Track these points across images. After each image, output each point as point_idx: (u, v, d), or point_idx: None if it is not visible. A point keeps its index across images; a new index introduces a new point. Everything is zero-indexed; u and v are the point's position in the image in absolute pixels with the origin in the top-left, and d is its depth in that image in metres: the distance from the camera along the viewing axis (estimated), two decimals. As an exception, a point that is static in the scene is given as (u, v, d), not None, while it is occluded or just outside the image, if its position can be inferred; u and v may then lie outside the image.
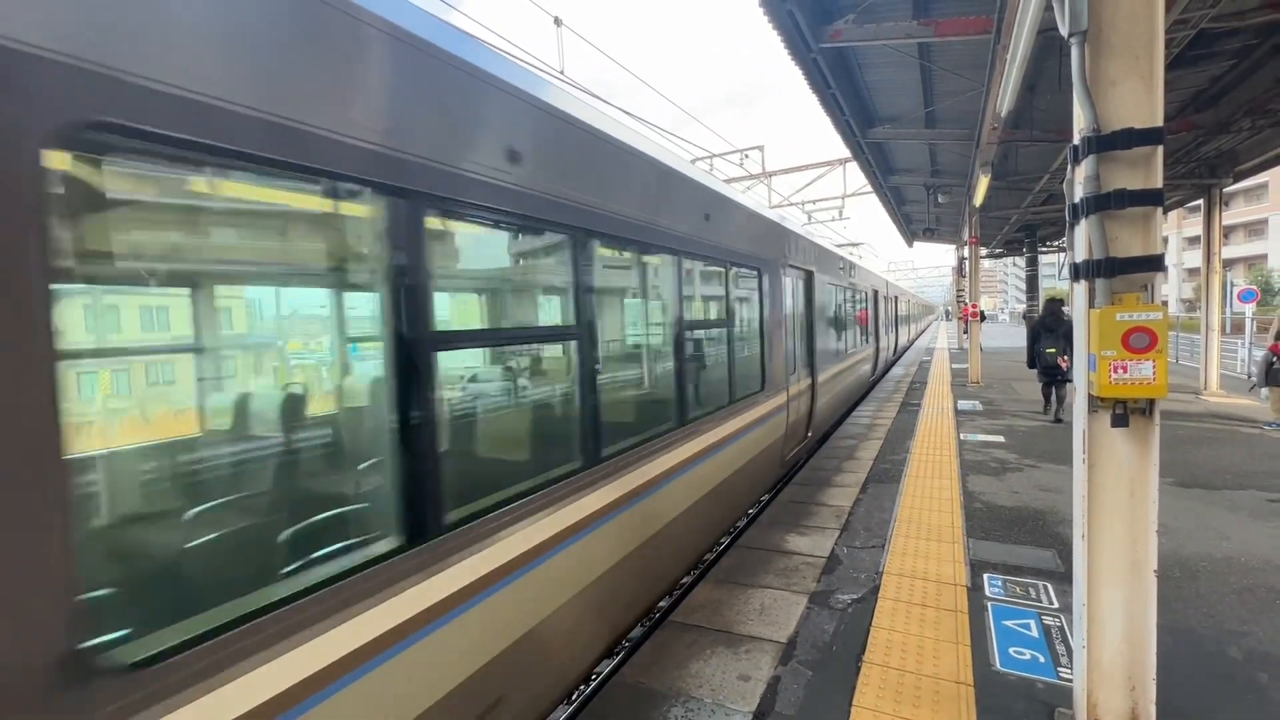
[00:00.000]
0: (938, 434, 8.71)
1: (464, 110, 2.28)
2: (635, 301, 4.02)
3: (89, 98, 1.26)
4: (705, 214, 4.51)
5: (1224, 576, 4.02)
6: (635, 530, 3.37)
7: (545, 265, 3.09)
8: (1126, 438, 2.37)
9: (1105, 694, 2.44)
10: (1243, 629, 3.39)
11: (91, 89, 1.26)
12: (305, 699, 1.64)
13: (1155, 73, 2.28)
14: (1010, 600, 3.76)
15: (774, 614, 3.70)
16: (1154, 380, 2.23)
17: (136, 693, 1.30)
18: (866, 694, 2.90)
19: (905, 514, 5.34)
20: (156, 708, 1.33)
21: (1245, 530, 4.81)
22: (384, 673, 1.88)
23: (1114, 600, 2.42)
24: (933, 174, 14.37)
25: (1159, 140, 2.27)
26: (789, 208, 19.74)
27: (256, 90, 1.57)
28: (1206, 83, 8.20)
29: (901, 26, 6.77)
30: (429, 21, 2.21)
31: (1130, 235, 2.33)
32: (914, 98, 9.52)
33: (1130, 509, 2.38)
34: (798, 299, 7.35)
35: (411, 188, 2.01)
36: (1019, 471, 6.66)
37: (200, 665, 1.42)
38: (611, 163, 3.26)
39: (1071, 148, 2.44)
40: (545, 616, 2.66)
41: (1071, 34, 2.34)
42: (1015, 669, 3.06)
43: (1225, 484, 6.02)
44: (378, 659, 1.85)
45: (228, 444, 2.30)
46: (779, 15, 6.48)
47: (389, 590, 1.91)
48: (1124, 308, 2.28)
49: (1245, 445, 7.60)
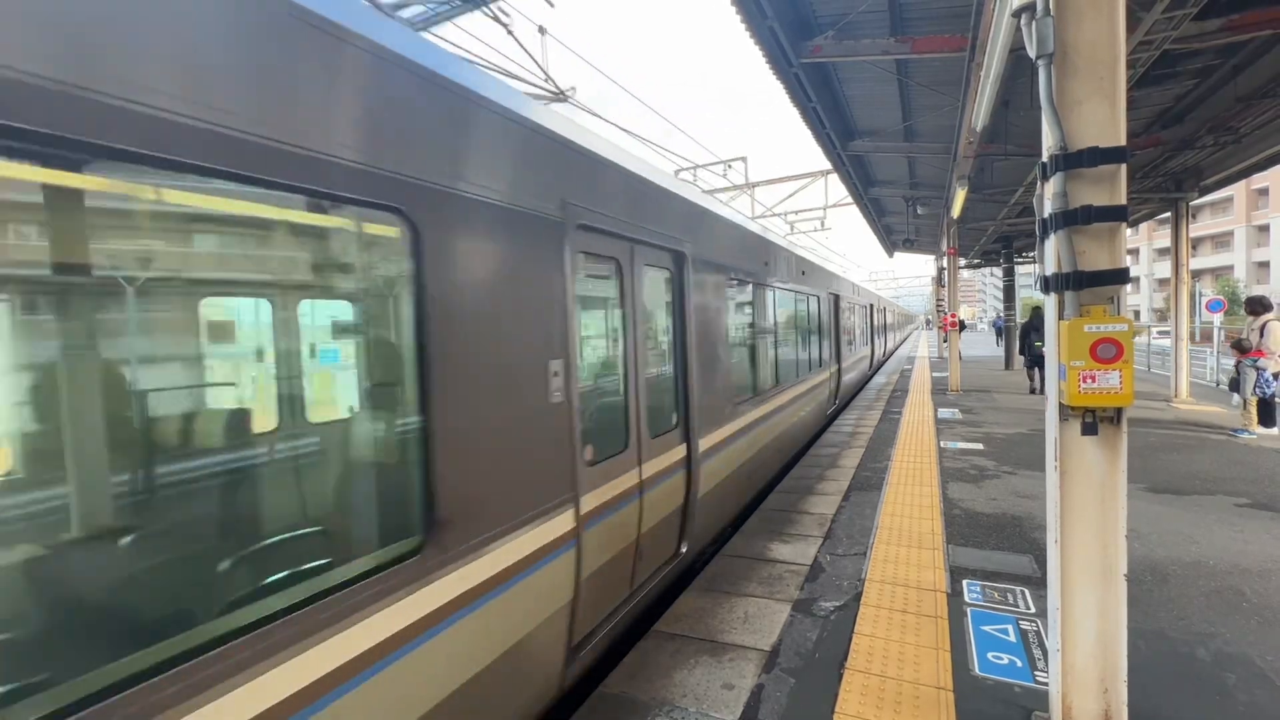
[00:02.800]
0: (918, 442, 8.83)
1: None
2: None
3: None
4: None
5: (1193, 580, 4.13)
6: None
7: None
8: (1096, 445, 2.44)
9: (1079, 696, 2.49)
10: (1211, 631, 3.48)
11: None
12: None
13: (1118, 93, 2.38)
14: (989, 605, 3.83)
15: (758, 622, 3.72)
16: (1121, 389, 2.31)
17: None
18: (849, 701, 2.93)
19: (887, 521, 5.41)
20: None
21: (1214, 534, 4.94)
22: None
23: (1086, 604, 2.48)
24: (912, 186, 14.66)
25: (1123, 159, 2.36)
26: (772, 218, 19.97)
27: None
28: (1171, 101, 8.49)
29: (879, 44, 6.94)
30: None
31: (1097, 249, 2.41)
32: (893, 112, 9.73)
33: (1101, 514, 2.45)
34: (640, 304, 3.86)
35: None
36: (997, 478, 6.78)
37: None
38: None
39: (1041, 165, 2.52)
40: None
41: (1039, 56, 2.44)
42: (994, 673, 3.11)
43: (1195, 489, 6.18)
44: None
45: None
46: (760, 31, 6.60)
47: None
48: (1092, 319, 2.36)
49: (1214, 451, 7.81)
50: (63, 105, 1.31)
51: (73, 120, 1.33)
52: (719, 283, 5.21)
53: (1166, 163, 10.55)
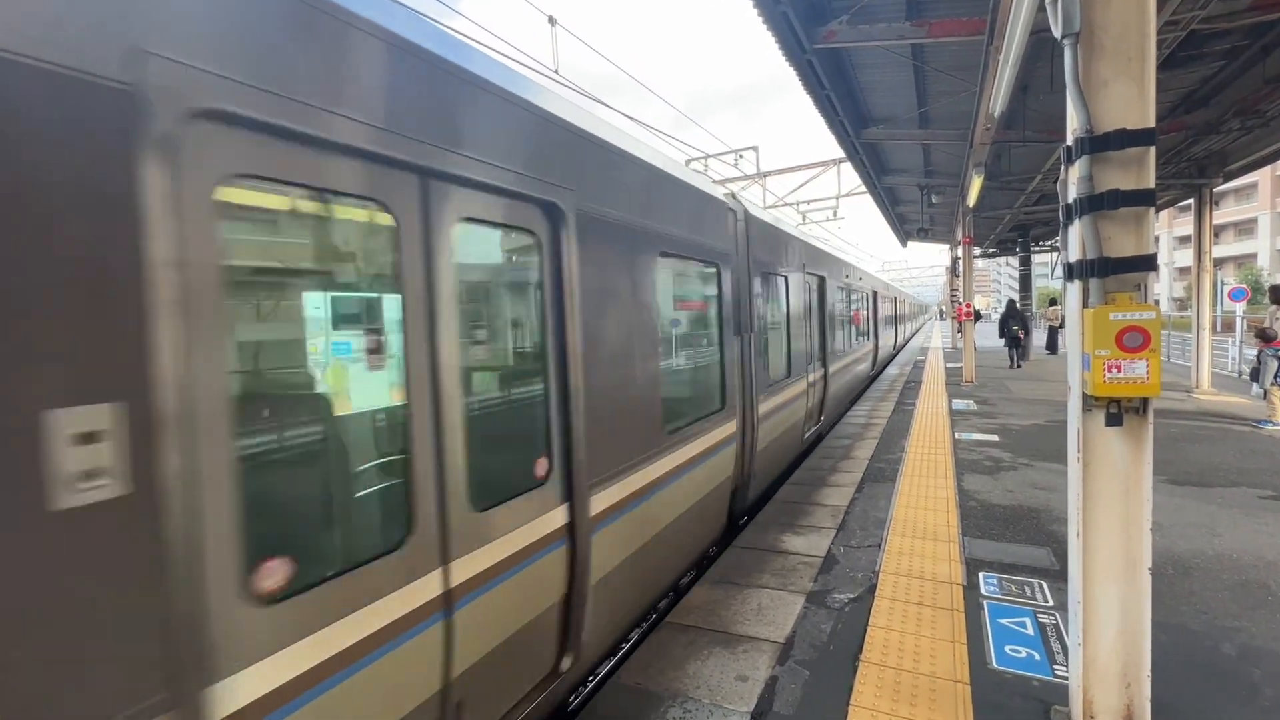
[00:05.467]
0: (932, 433, 8.74)
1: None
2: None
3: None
4: None
5: (1217, 573, 4.05)
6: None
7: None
8: (1120, 436, 2.38)
9: (1100, 691, 2.45)
10: (1236, 625, 3.41)
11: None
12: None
13: (1147, 74, 2.30)
14: (1006, 599, 3.78)
15: (771, 614, 3.71)
16: (1148, 379, 2.25)
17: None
18: (864, 693, 2.91)
19: (901, 513, 5.36)
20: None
21: (1238, 527, 4.84)
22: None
23: (1109, 597, 2.43)
24: (926, 174, 14.44)
25: (1151, 141, 2.29)
26: (784, 208, 19.78)
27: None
28: (1196, 83, 8.27)
29: (894, 28, 6.80)
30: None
31: (1123, 235, 2.34)
32: (908, 98, 9.56)
33: (1125, 507, 2.40)
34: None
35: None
36: (1013, 470, 6.69)
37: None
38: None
39: (1065, 148, 2.45)
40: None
41: (1064, 35, 2.36)
42: (1011, 667, 3.08)
43: (1218, 481, 6.07)
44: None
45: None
46: (773, 16, 6.49)
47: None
48: (1117, 307, 2.29)
49: (1237, 443, 7.66)
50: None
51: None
52: (606, 253, 3.11)
53: (1190, 148, 10.29)
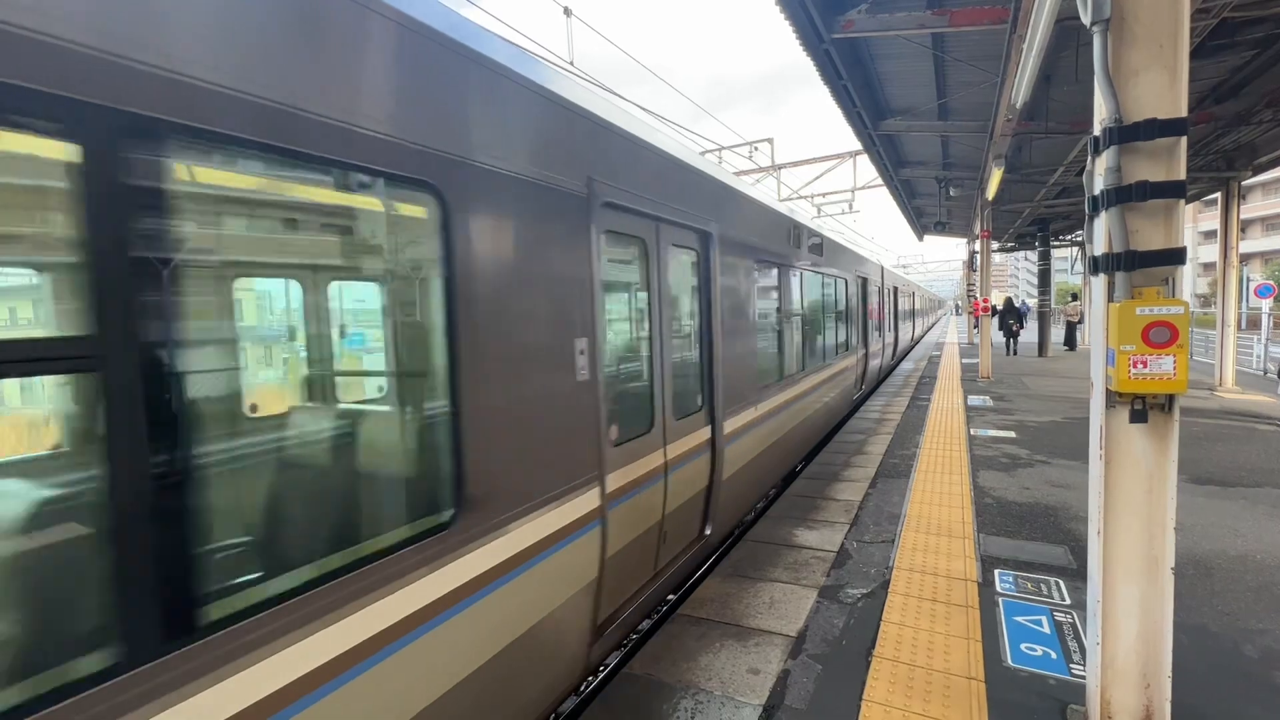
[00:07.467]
0: (947, 429, 8.65)
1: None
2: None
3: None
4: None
5: (1239, 574, 3.98)
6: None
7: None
8: (1145, 434, 2.34)
9: (1119, 691, 2.42)
10: (1259, 627, 3.35)
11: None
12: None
13: (1179, 62, 2.23)
14: (1022, 596, 3.74)
15: (783, 608, 3.70)
16: (1174, 375, 2.20)
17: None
18: (877, 688, 2.89)
19: (915, 509, 5.32)
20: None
21: (1261, 527, 4.75)
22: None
23: (1129, 597, 2.39)
24: (944, 167, 14.20)
25: (1183, 131, 2.23)
26: (799, 200, 19.59)
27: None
28: (1227, 73, 8.04)
29: (915, 17, 6.67)
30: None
31: (1151, 228, 2.29)
32: (927, 89, 9.40)
33: (1148, 505, 2.36)
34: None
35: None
36: (1030, 467, 6.61)
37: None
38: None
39: (1092, 139, 2.39)
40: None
41: (1094, 22, 2.30)
42: (1027, 665, 3.05)
43: (1241, 481, 5.95)
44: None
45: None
46: (790, 5, 6.40)
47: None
48: (1144, 302, 2.24)
49: (1262, 442, 7.50)
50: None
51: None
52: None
53: (1218, 140, 10.03)
